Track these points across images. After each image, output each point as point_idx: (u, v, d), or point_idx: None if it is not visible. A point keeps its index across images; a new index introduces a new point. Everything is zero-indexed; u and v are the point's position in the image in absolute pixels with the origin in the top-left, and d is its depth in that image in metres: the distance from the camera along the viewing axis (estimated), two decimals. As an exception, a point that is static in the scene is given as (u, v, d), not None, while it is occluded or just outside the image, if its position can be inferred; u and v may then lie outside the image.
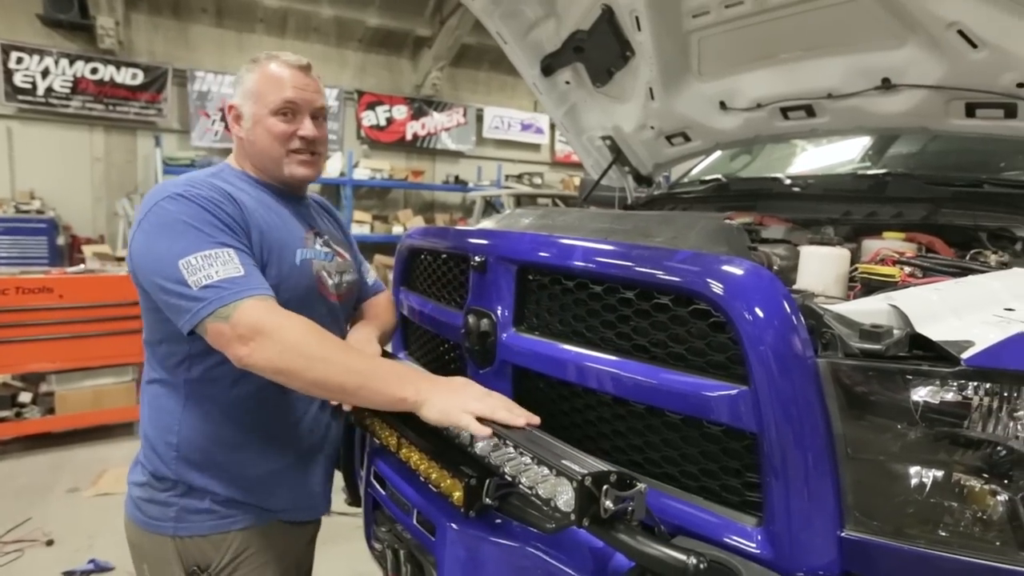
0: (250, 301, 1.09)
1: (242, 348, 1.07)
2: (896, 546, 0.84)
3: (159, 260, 1.13)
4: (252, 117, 1.32)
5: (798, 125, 1.98)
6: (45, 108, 8.58)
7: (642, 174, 2.61)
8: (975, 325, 0.89)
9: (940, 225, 1.52)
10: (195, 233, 1.14)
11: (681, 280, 0.95)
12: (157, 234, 1.16)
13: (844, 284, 1.13)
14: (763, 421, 0.87)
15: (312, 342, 1.09)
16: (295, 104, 1.31)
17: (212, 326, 1.09)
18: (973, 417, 0.83)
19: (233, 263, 1.12)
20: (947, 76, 1.54)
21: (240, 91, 1.34)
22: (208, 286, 1.09)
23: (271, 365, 1.07)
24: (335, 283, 1.41)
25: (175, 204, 1.18)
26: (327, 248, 1.42)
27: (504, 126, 12.01)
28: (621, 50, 2.11)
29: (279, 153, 1.33)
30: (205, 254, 1.11)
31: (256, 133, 1.32)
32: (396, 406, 1.09)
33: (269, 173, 1.36)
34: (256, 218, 1.26)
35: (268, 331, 1.07)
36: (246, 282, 1.11)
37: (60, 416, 3.91)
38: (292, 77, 1.32)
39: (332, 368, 1.09)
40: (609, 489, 0.81)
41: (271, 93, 1.30)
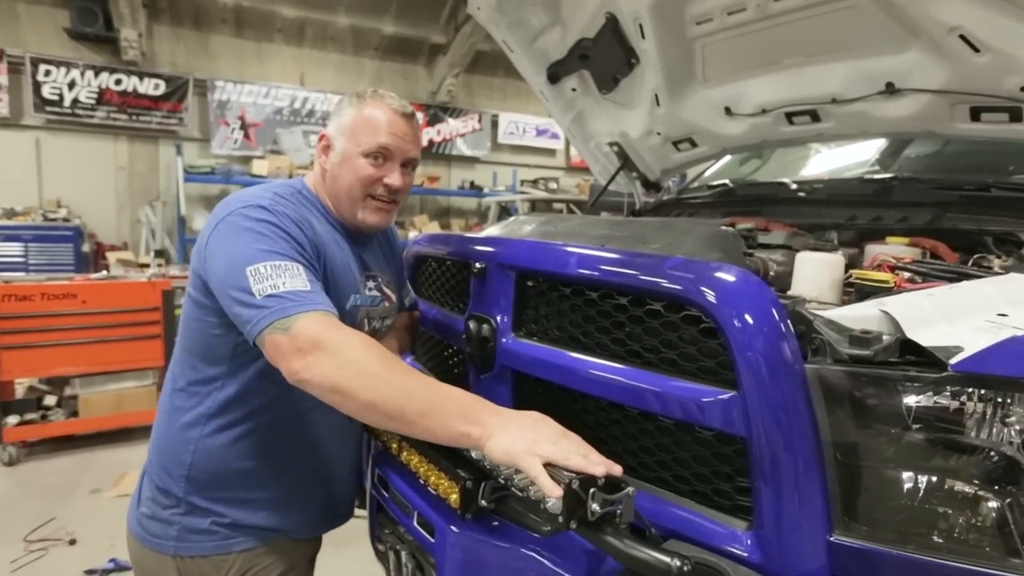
0: (313, 314, 1.05)
1: (298, 361, 1.01)
2: (885, 551, 0.84)
3: (228, 265, 1.11)
4: (342, 153, 1.29)
5: (804, 130, 1.97)
6: (71, 119, 8.84)
7: (650, 180, 2.62)
8: (967, 331, 0.90)
9: (945, 229, 1.51)
10: (269, 243, 1.12)
11: (671, 286, 0.97)
12: (231, 239, 1.14)
13: (839, 290, 1.13)
14: (752, 426, 0.88)
15: (374, 361, 1.01)
16: (388, 151, 1.28)
17: (271, 337, 1.04)
18: (962, 423, 0.83)
19: (301, 277, 1.09)
20: (951, 80, 1.54)
21: (336, 123, 1.31)
22: (272, 295, 1.05)
23: (327, 381, 1.00)
24: (373, 328, 1.40)
25: (256, 212, 1.16)
26: (378, 292, 1.41)
27: (519, 132, 12.08)
28: (626, 57, 2.13)
29: (358, 196, 1.30)
30: (275, 264, 1.09)
31: (342, 169, 1.30)
32: (458, 442, 0.98)
33: (341, 212, 1.34)
34: (326, 251, 1.26)
35: (328, 345, 1.01)
36: (311, 296, 1.08)
37: (83, 419, 4.01)
38: (392, 123, 1.28)
39: (391, 391, 0.98)
40: (596, 492, 0.83)
41: (367, 134, 1.27)
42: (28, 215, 8.28)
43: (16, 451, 3.84)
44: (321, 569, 1.49)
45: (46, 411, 4.00)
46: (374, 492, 1.42)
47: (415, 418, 0.98)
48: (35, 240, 8.01)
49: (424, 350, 1.83)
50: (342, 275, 1.29)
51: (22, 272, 7.56)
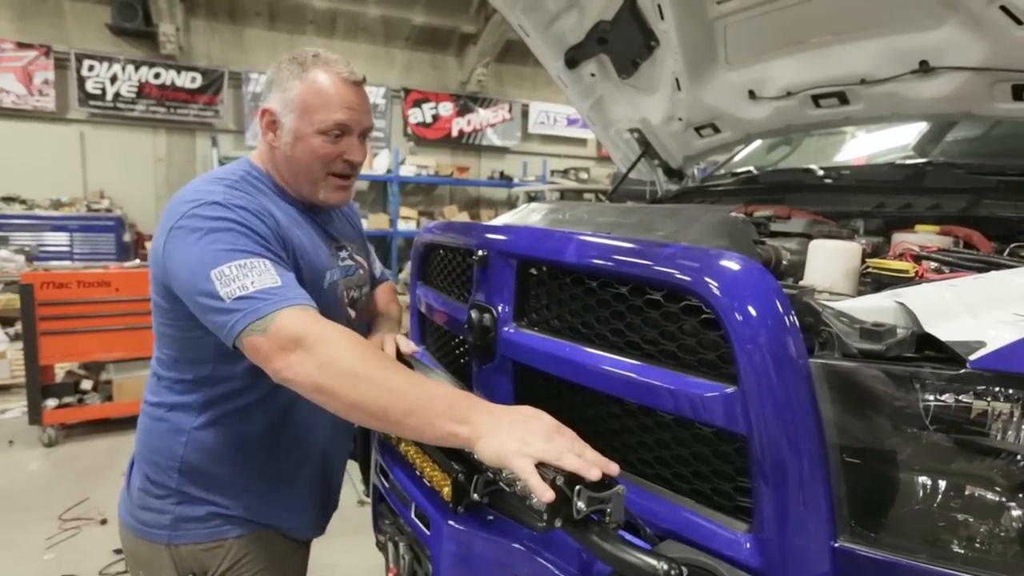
0: (289, 311, 1.00)
1: (281, 360, 0.98)
2: (894, 560, 0.78)
3: (191, 271, 1.05)
4: (294, 132, 1.21)
5: (831, 113, 1.88)
6: (113, 112, 9.11)
7: (672, 167, 2.55)
8: (991, 325, 0.82)
9: (981, 217, 1.41)
10: (229, 242, 1.06)
11: (670, 275, 0.92)
12: (189, 243, 1.07)
13: (854, 280, 1.06)
14: (753, 423, 0.83)
15: (356, 357, 0.97)
16: (346, 126, 1.22)
17: (249, 340, 1.00)
18: (983, 424, 0.77)
19: (269, 273, 1.04)
20: (990, 56, 1.43)
21: (279, 97, 1.21)
22: (242, 297, 1.00)
23: (310, 380, 0.96)
24: (353, 298, 1.37)
25: (210, 210, 1.09)
26: (351, 261, 1.37)
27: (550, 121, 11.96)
28: (645, 40, 2.06)
29: (318, 175, 1.24)
30: (239, 263, 1.03)
31: (296, 150, 1.22)
32: (447, 441, 0.93)
33: (300, 191, 1.28)
34: (292, 236, 1.20)
35: (308, 343, 0.97)
36: (284, 291, 1.03)
37: (118, 403, 4.14)
38: (345, 95, 1.21)
39: (375, 390, 0.94)
40: (582, 490, 0.79)
41: (320, 111, 1.19)
42: (73, 206, 8.59)
43: (55, 433, 3.99)
44: (324, 556, 1.49)
45: (83, 395, 4.15)
46: (376, 481, 1.41)
47: (400, 417, 0.94)
48: (80, 230, 8.32)
49: (433, 339, 1.81)
50: (314, 255, 1.24)
51: (68, 261, 7.87)
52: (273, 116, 1.22)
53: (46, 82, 8.69)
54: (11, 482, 3.51)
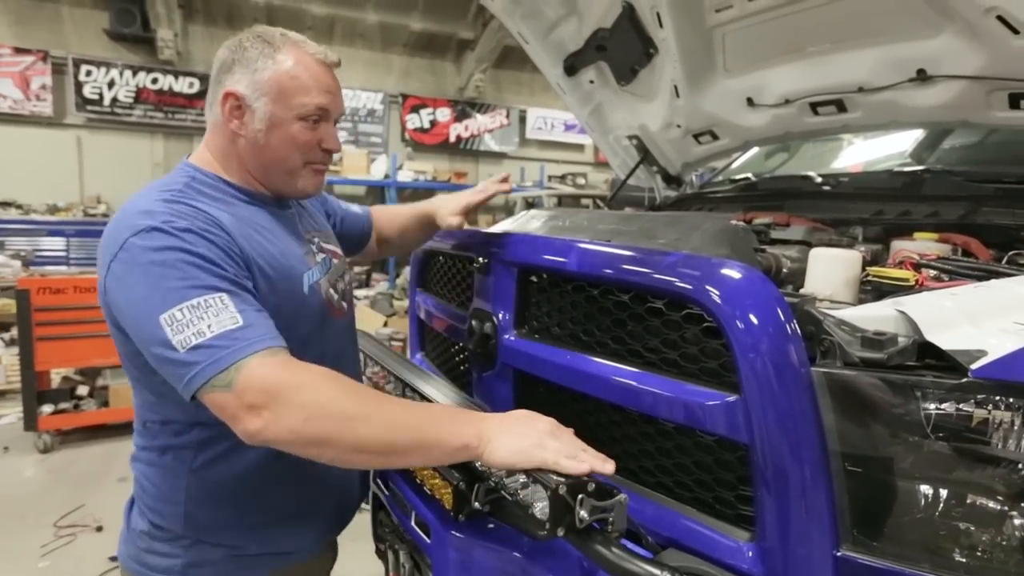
0: (255, 359, 0.87)
1: (254, 421, 0.85)
2: (896, 569, 0.78)
3: (137, 316, 0.92)
4: (268, 118, 1.07)
5: (829, 121, 1.89)
6: (111, 117, 9.09)
7: (671, 174, 2.55)
8: (992, 333, 0.83)
9: (979, 225, 1.42)
10: (178, 278, 0.91)
11: (672, 283, 0.92)
12: (132, 281, 0.92)
13: (854, 288, 1.07)
14: (755, 432, 0.83)
15: (344, 397, 0.88)
16: (326, 111, 1.11)
17: (211, 397, 0.87)
18: (985, 433, 0.77)
19: (228, 311, 0.90)
20: (987, 65, 1.44)
21: (248, 79, 1.06)
22: (199, 347, 0.87)
23: (297, 437, 0.86)
24: (339, 295, 1.24)
25: (152, 240, 0.93)
26: (323, 253, 1.23)
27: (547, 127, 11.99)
28: (644, 47, 2.06)
29: (296, 164, 1.11)
30: (192, 304, 0.89)
31: (272, 138, 1.08)
32: (457, 457, 0.90)
33: (272, 184, 1.14)
34: (253, 247, 1.03)
35: (285, 393, 0.86)
36: (246, 334, 0.89)
37: (114, 409, 4.12)
38: (324, 78, 1.10)
39: (375, 427, 0.87)
40: (585, 499, 0.79)
41: (301, 95, 1.07)
42: (70, 211, 8.57)
43: (50, 439, 3.96)
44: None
45: (79, 401, 4.12)
46: (376, 489, 1.40)
47: (407, 448, 0.89)
48: (76, 235, 8.29)
49: (433, 347, 1.81)
50: (286, 259, 1.09)
51: (64, 266, 7.84)
52: (240, 100, 1.06)
53: (43, 87, 8.67)
54: (6, 489, 3.48)
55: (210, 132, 1.13)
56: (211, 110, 1.11)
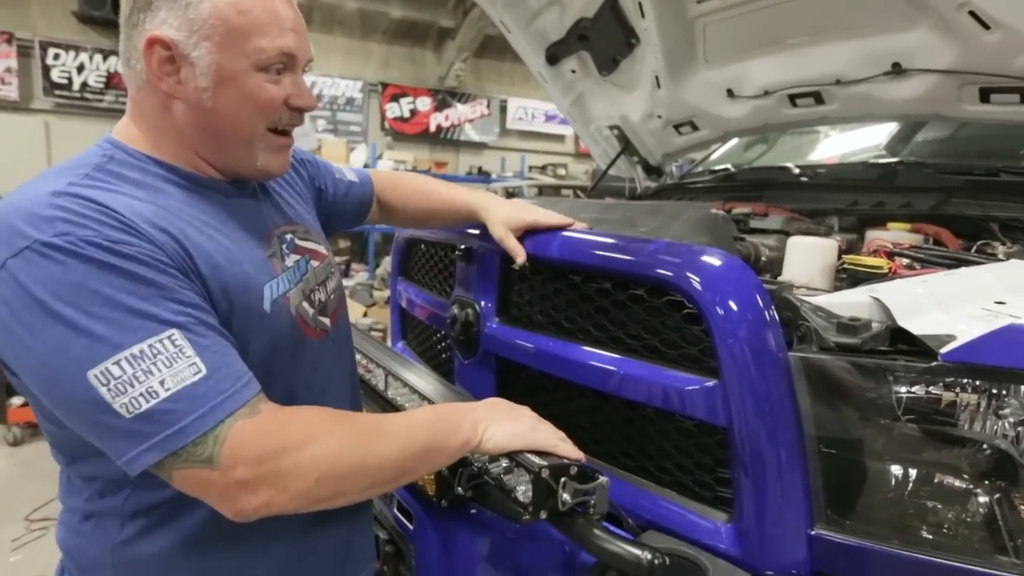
0: (237, 423, 0.69)
1: (252, 498, 0.69)
2: (869, 547, 0.81)
3: (49, 371, 0.67)
4: (215, 69, 0.78)
5: (807, 113, 1.92)
6: (80, 103, 8.85)
7: (651, 164, 2.57)
8: (961, 319, 0.86)
9: (949, 215, 1.46)
10: (101, 315, 0.65)
11: (652, 270, 0.93)
12: (22, 323, 0.66)
13: (831, 275, 1.09)
14: (733, 416, 0.85)
15: (351, 439, 0.75)
16: (292, 58, 0.83)
17: (183, 474, 0.68)
18: (953, 415, 0.80)
19: (184, 357, 0.67)
20: (959, 60, 1.48)
21: (180, 16, 0.76)
22: (151, 412, 0.65)
23: (307, 502, 0.73)
24: (317, 309, 0.94)
25: (44, 266, 0.66)
26: (296, 254, 0.94)
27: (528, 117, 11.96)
28: (626, 38, 2.07)
29: (256, 132, 0.83)
30: (133, 354, 0.65)
31: (224, 98, 0.79)
32: (457, 456, 0.86)
33: (223, 163, 0.85)
34: (199, 249, 0.77)
35: (287, 457, 0.70)
36: (216, 387, 0.68)
37: (87, 401, 4.03)
38: (286, 9, 0.82)
39: (385, 460, 0.77)
40: (567, 482, 0.80)
41: (256, 36, 0.79)
42: (38, 199, 8.34)
43: (20, 432, 3.87)
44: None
45: (51, 393, 4.03)
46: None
47: (416, 467, 0.83)
48: (45, 224, 8.07)
49: (414, 335, 1.81)
50: (238, 265, 0.81)
51: (32, 255, 7.64)
52: (170, 49, 0.77)
53: (8, 70, 8.40)
54: (-25, 483, 3.41)
55: (133, 97, 0.83)
56: (129, 66, 0.81)
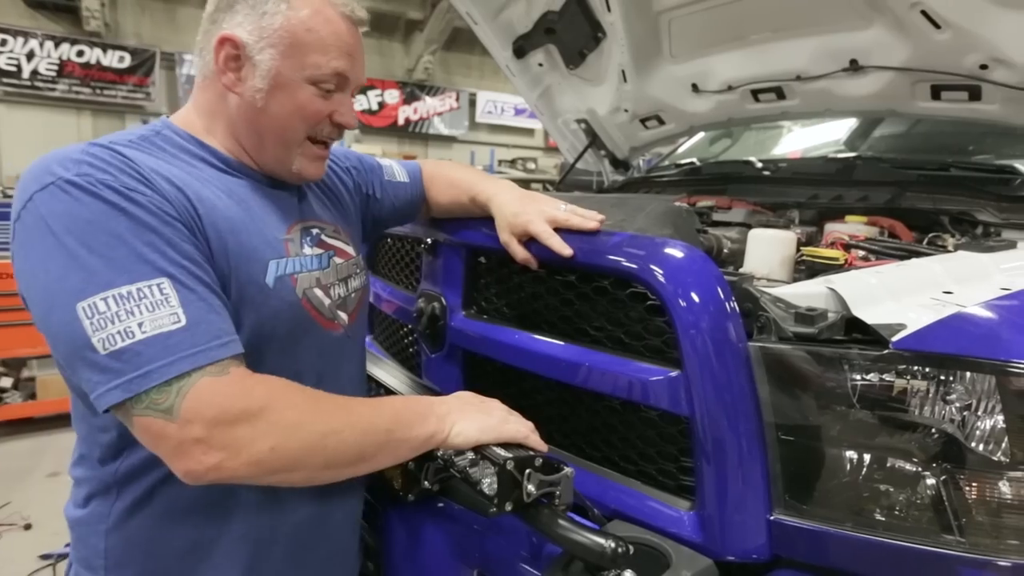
0: (204, 378, 0.70)
1: (204, 458, 0.69)
2: (825, 530, 0.83)
3: (47, 301, 0.71)
4: (273, 75, 0.86)
5: (769, 108, 1.96)
6: (31, 91, 8.52)
7: (618, 158, 2.59)
8: (911, 308, 0.89)
9: (903, 209, 1.51)
10: (101, 252, 0.70)
11: (618, 263, 0.94)
12: (38, 253, 0.72)
13: (790, 267, 1.12)
14: (695, 406, 0.87)
15: (312, 412, 0.76)
16: (344, 79, 0.91)
17: (142, 421, 0.70)
18: (903, 401, 0.83)
19: (168, 306, 0.70)
20: (912, 57, 1.53)
21: (252, 22, 0.85)
22: (124, 351, 0.68)
23: (259, 469, 0.72)
24: (335, 302, 0.96)
25: (61, 199, 0.72)
26: (320, 248, 0.96)
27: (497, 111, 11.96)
28: (592, 31, 2.08)
29: (296, 137, 0.90)
30: (121, 293, 0.69)
31: (275, 101, 0.87)
32: (422, 449, 0.85)
33: (262, 159, 0.92)
34: (211, 211, 0.81)
35: (246, 421, 0.71)
36: (189, 339, 0.70)
37: (42, 401, 3.90)
38: (348, 37, 0.90)
39: (345, 439, 0.77)
40: (532, 473, 0.81)
41: (317, 53, 0.86)
42: (-14, 191, 8.01)
43: (-28, 434, 3.73)
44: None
45: (2, 393, 3.88)
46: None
47: (377, 453, 0.81)
48: (-6, 218, 7.75)
49: (381, 330, 1.79)
50: (247, 236, 0.85)
51: (-19, 251, 7.33)
52: (239, 49, 0.85)
53: (-47, 57, 8.04)
54: (-78, 488, 3.26)
55: (197, 84, 0.92)
56: (201, 56, 0.90)
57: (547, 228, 1.02)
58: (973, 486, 0.80)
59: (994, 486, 0.80)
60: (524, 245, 1.05)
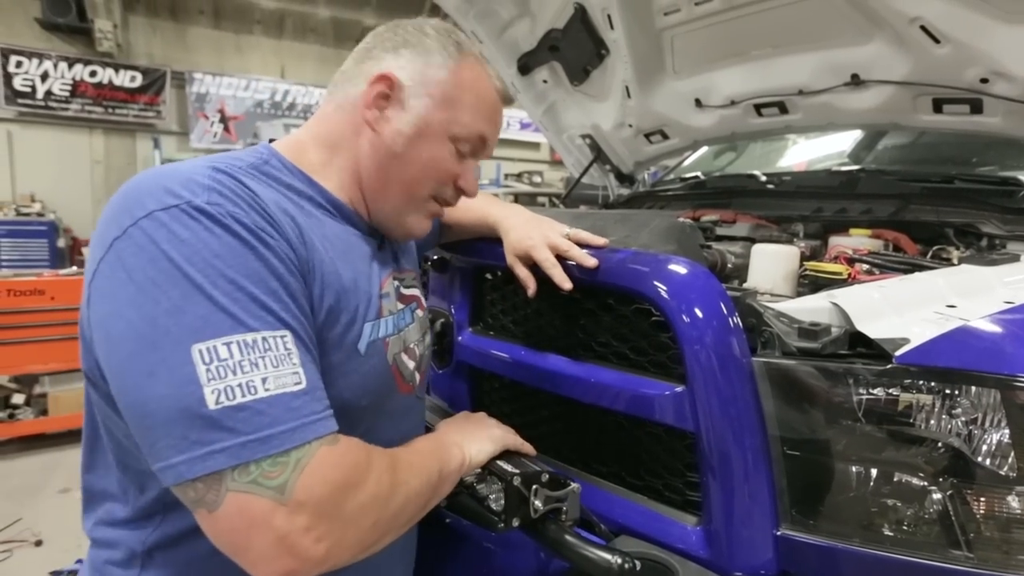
0: (323, 450, 0.62)
1: (315, 549, 0.59)
2: (831, 545, 0.83)
3: (145, 332, 0.59)
4: (422, 123, 0.83)
5: (772, 122, 1.97)
6: (45, 111, 8.66)
7: (623, 172, 2.61)
8: (915, 322, 0.89)
9: (908, 221, 1.51)
10: (227, 291, 0.61)
11: (621, 279, 0.95)
12: (142, 276, 0.60)
13: (793, 282, 1.12)
14: (700, 421, 0.87)
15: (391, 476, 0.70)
16: (482, 146, 0.89)
17: (239, 499, 0.57)
18: (908, 415, 0.83)
19: (291, 363, 0.62)
20: (913, 72, 1.54)
21: (419, 68, 0.83)
22: (245, 407, 0.58)
23: (362, 549, 0.66)
24: (417, 363, 0.92)
25: (191, 228, 0.62)
26: (401, 303, 0.90)
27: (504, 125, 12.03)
28: (596, 48, 2.10)
29: (422, 192, 0.86)
30: (246, 340, 0.59)
31: (414, 148, 0.83)
32: (457, 478, 0.85)
33: (376, 209, 0.86)
34: (321, 264, 0.73)
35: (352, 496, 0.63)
36: (311, 405, 0.62)
37: (53, 417, 3.93)
38: (497, 107, 0.91)
39: (419, 493, 0.74)
40: (539, 489, 0.81)
41: (470, 111, 0.85)
42: (0, 210, 8.12)
43: (-17, 451, 3.77)
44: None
45: (14, 410, 3.92)
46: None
47: (432, 496, 0.78)
48: (8, 235, 7.87)
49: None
50: (349, 296, 0.77)
51: (-5, 268, 7.43)
52: (393, 89, 0.82)
53: (-31, 79, 8.20)
54: (-66, 505, 3.29)
55: (327, 114, 0.87)
56: (344, 87, 0.86)
57: (549, 257, 0.99)
58: (981, 501, 0.80)
59: (1002, 500, 0.80)
60: (531, 267, 1.04)
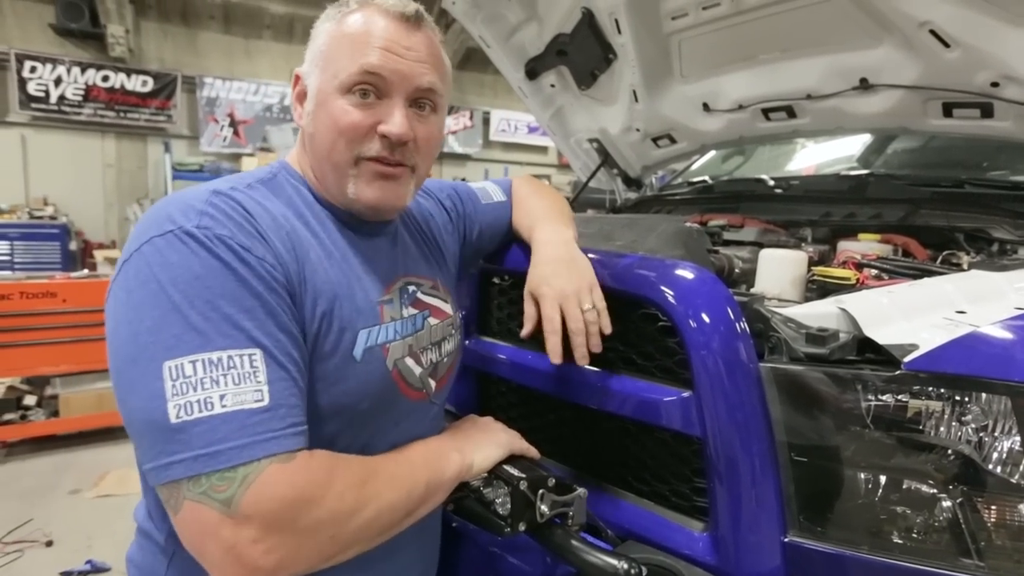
0: (271, 467, 0.64)
1: (264, 557, 0.63)
2: (840, 552, 0.83)
3: (132, 347, 0.66)
4: (316, 95, 0.81)
5: (780, 126, 1.96)
6: (58, 116, 8.76)
7: (631, 176, 2.61)
8: (924, 328, 0.88)
9: (917, 226, 1.50)
10: (203, 308, 0.66)
11: (628, 285, 0.95)
12: (137, 296, 0.67)
13: (801, 287, 1.12)
14: (707, 426, 0.87)
15: (365, 490, 0.71)
16: (381, 78, 0.79)
17: (193, 508, 0.63)
18: (919, 422, 0.82)
19: (254, 381, 0.65)
20: (923, 76, 1.53)
21: (310, 52, 0.83)
22: (199, 422, 0.62)
23: (322, 560, 0.68)
24: (426, 369, 0.90)
25: (178, 251, 0.68)
26: (414, 308, 0.90)
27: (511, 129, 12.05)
28: (603, 53, 2.11)
29: (341, 158, 0.80)
30: (211, 359, 0.64)
31: (318, 120, 0.81)
32: (452, 487, 0.85)
33: (328, 190, 0.85)
34: (314, 274, 0.76)
35: (306, 512, 0.65)
36: (265, 423, 0.65)
37: (64, 419, 3.97)
38: (385, 32, 0.79)
39: (394, 507, 0.74)
40: (545, 494, 0.81)
41: (346, 55, 0.78)
42: (14, 213, 8.21)
43: (-4, 452, 3.80)
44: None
45: (26, 411, 3.96)
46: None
47: (418, 507, 0.78)
48: (21, 238, 7.94)
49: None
50: (343, 305, 0.78)
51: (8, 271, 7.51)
52: (302, 83, 0.85)
53: (-16, 84, 8.31)
54: (-53, 505, 3.32)
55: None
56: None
57: (554, 319, 0.94)
58: (991, 508, 0.79)
59: (1013, 508, 0.79)
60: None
